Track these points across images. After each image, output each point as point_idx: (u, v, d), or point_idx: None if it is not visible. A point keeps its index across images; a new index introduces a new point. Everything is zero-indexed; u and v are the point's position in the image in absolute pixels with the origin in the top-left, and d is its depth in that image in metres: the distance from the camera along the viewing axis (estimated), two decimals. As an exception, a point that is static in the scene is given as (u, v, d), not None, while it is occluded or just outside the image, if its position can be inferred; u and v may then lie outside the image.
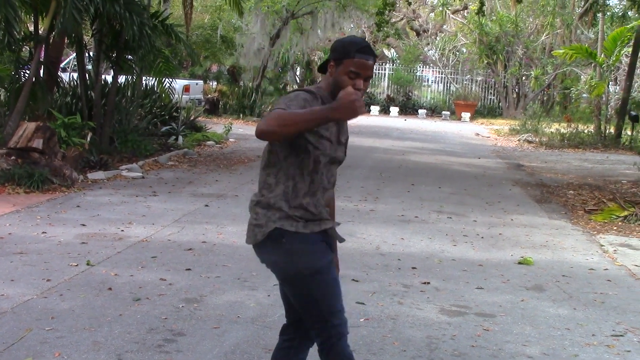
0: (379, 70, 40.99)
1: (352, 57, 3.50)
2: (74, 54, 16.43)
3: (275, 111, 3.30)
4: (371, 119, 32.61)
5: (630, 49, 23.93)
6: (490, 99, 39.75)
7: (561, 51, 27.41)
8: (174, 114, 18.32)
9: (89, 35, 16.86)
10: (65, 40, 14.93)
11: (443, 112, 36.63)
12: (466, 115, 35.46)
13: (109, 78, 15.27)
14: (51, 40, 14.14)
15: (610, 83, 28.03)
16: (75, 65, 16.18)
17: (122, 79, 16.25)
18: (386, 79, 40.19)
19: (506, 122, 31.76)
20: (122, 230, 8.55)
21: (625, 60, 26.45)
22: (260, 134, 3.26)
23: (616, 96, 27.96)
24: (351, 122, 4.02)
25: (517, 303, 6.61)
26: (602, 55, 24.90)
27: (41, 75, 14.00)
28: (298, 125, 3.22)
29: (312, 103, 3.48)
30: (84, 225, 8.72)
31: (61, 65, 19.58)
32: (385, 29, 27.19)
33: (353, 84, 3.48)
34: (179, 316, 5.71)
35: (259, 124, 3.27)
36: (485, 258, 8.26)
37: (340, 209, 10.51)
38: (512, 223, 10.50)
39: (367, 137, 22.51)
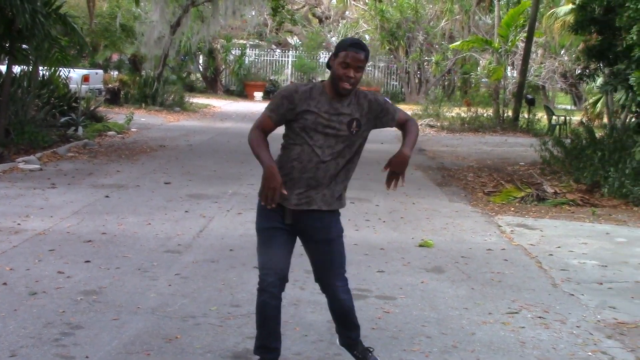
0: (282, 57, 40.99)
1: (345, 50, 4.23)
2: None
3: (258, 119, 4.38)
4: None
5: (525, 34, 24.52)
6: (393, 84, 40.20)
7: (458, 43, 27.93)
8: (74, 104, 17.88)
9: (-20, 24, 16.31)
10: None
11: (347, 99, 36.85)
12: (370, 101, 35.69)
13: (3, 68, 14.80)
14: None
15: (508, 68, 28.68)
16: (-34, 55, 15.63)
17: (17, 69, 15.79)
18: (289, 66, 40.22)
19: (409, 108, 32.10)
20: (19, 224, 8.33)
21: (521, 45, 27.10)
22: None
23: (513, 80, 28.64)
24: (255, 110, 4.18)
25: (417, 285, 6.72)
26: (498, 41, 25.47)
27: None
28: (253, 152, 4.33)
29: (289, 99, 4.27)
30: (-22, 219, 8.47)
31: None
32: (281, 14, 27.12)
33: (345, 73, 4.22)
34: (77, 309, 5.60)
35: (250, 132, 4.37)
36: (387, 242, 8.37)
37: (244, 196, 10.50)
38: (413, 207, 10.66)
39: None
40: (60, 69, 16.34)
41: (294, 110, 4.28)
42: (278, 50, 42.23)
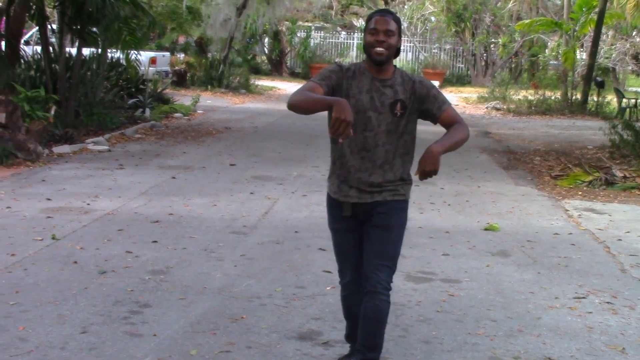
0: (347, 39, 40.89)
1: (372, 17, 4.12)
2: (37, 27, 16.18)
3: (304, 86, 3.98)
4: (340, 88, 32.59)
5: (596, 16, 24.00)
6: (459, 67, 39.78)
7: (526, 21, 27.41)
8: (141, 86, 18.14)
9: (51, 7, 16.62)
10: (27, 13, 14.69)
11: (412, 81, 36.63)
12: (435, 83, 35.39)
13: (73, 51, 15.06)
14: (12, 13, 13.92)
15: (577, 50, 28.11)
16: (38, 38, 15.95)
17: (87, 51, 16.05)
18: (354, 48, 40.09)
19: (475, 90, 31.81)
20: (88, 204, 8.50)
21: (591, 26, 26.55)
22: (288, 107, 3.91)
23: (582, 62, 28.08)
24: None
25: (482, 268, 6.67)
26: (568, 23, 24.96)
27: (2, 48, 13.79)
28: (308, 105, 3.86)
29: (337, 74, 4.08)
30: (49, 199, 8.65)
31: (24, 39, 19.32)
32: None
33: (375, 38, 4.06)
34: (144, 288, 5.70)
35: (290, 97, 3.90)
36: (452, 225, 8.32)
37: (309, 178, 10.52)
38: (479, 190, 10.56)
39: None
40: (131, 51, 16.55)
41: (341, 86, 4.05)
42: (343, 33, 42.10)
